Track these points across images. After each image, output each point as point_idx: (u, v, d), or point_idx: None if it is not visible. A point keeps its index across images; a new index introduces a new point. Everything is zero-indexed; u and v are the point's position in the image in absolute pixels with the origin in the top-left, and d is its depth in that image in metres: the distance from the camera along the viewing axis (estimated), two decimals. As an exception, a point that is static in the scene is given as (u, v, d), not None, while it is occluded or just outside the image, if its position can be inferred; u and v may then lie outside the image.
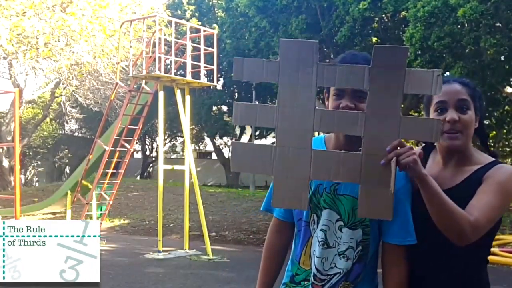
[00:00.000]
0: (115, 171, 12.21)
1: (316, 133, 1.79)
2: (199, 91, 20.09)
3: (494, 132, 17.08)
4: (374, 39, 13.56)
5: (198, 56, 10.72)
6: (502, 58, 11.06)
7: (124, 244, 11.43)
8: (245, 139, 26.89)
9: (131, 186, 19.53)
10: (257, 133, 24.70)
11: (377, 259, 1.96)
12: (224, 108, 23.22)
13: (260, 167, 1.73)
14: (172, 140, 32.09)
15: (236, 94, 22.05)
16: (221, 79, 21.09)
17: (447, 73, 10.29)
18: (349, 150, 1.72)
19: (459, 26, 10.18)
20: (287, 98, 1.68)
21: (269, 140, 25.39)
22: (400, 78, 1.62)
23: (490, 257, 1.99)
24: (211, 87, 18.75)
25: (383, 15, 12.95)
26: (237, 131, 25.22)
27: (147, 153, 32.45)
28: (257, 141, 23.90)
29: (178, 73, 11.92)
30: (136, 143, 19.94)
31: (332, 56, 13.87)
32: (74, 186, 12.62)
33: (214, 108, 22.65)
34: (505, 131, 17.93)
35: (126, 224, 14.33)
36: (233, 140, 27.09)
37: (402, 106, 1.66)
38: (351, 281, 1.92)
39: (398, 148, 1.61)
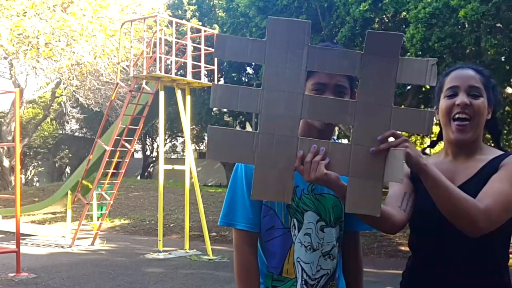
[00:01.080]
0: (115, 171, 12.22)
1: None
2: (199, 91, 20.08)
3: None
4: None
5: (199, 56, 10.73)
6: (502, 58, 11.08)
7: (124, 244, 11.44)
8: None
9: (131, 186, 19.52)
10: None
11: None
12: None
13: (240, 155, 1.56)
14: (173, 140, 32.11)
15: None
16: (222, 79, 21.10)
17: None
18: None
19: (459, 27, 10.18)
20: (273, 82, 1.54)
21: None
22: (393, 66, 1.52)
23: None
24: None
25: (384, 16, 12.95)
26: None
27: (148, 153, 32.46)
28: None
29: (179, 73, 11.92)
30: (137, 143, 19.93)
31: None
32: (75, 186, 12.61)
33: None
34: (505, 131, 17.95)
35: (127, 224, 14.33)
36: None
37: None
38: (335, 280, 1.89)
39: (393, 138, 1.50)
